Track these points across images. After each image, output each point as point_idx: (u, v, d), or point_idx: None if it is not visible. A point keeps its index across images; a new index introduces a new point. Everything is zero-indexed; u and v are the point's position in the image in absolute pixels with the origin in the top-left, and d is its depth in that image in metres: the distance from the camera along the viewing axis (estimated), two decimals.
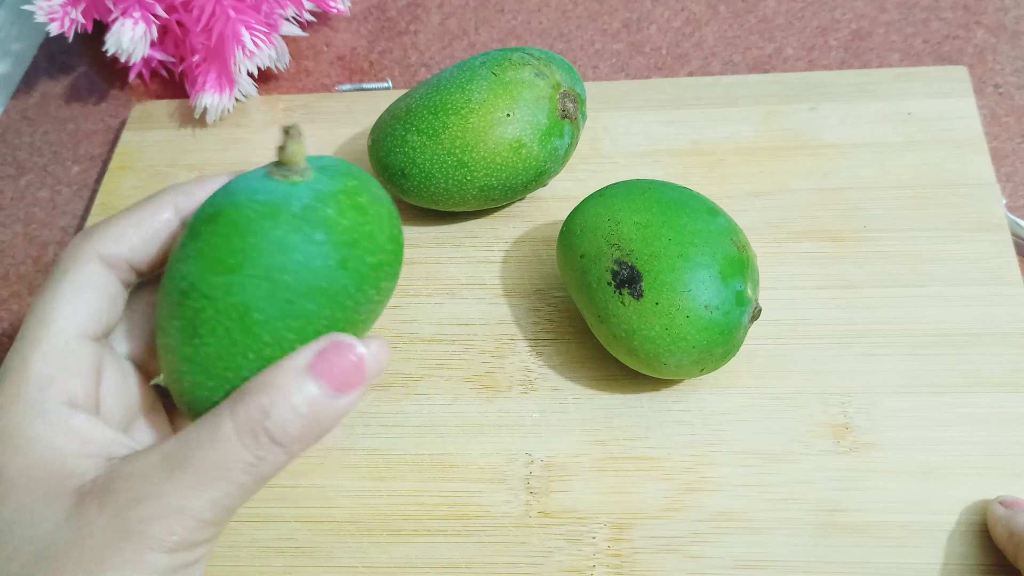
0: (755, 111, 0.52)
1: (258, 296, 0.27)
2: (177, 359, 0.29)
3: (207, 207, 0.29)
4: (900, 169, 0.49)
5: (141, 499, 0.28)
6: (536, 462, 0.42)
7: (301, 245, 0.27)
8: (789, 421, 0.42)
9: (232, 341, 0.28)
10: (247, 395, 0.28)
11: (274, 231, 0.27)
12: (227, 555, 0.40)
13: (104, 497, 0.28)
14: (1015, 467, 0.40)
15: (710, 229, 0.40)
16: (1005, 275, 0.44)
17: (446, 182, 0.46)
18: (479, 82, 0.45)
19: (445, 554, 0.40)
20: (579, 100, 0.46)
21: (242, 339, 0.28)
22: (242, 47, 0.53)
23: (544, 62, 0.46)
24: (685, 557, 0.39)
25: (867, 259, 0.46)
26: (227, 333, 0.28)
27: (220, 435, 0.28)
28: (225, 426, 0.28)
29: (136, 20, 0.53)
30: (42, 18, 0.54)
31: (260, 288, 0.27)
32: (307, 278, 0.27)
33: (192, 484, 0.28)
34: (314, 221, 0.27)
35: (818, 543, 0.39)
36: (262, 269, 0.27)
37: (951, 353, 0.43)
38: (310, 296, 0.28)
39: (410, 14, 0.63)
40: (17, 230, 0.56)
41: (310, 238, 0.27)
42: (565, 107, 0.45)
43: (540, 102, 0.45)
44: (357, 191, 0.28)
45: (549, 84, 0.45)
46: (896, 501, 0.39)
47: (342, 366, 0.29)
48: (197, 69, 0.55)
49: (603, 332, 0.41)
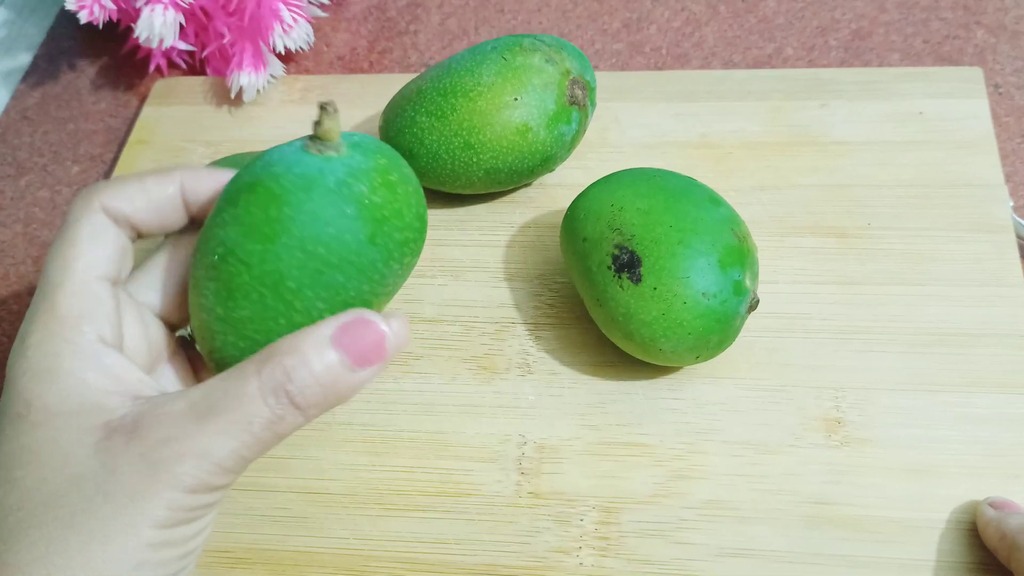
0: (764, 106, 0.52)
1: (292, 265, 0.29)
2: (211, 319, 0.31)
3: (245, 176, 0.30)
4: (907, 168, 0.49)
5: (167, 440, 0.29)
6: (529, 444, 0.42)
7: (334, 219, 0.28)
8: (782, 413, 0.42)
9: (265, 306, 0.29)
10: (273, 356, 0.30)
11: (309, 203, 0.28)
12: (222, 522, 0.41)
13: (132, 434, 0.30)
14: (1010, 468, 0.40)
15: (711, 218, 0.40)
16: (1007, 276, 0.44)
17: (452, 164, 0.46)
18: (489, 66, 0.46)
19: (435, 530, 0.41)
20: (588, 88, 0.47)
21: (274, 305, 0.29)
22: (281, 22, 0.54)
23: (555, 49, 0.46)
24: (671, 543, 0.39)
25: (870, 256, 0.46)
26: (261, 299, 0.29)
27: (246, 390, 0.30)
28: (251, 383, 0.30)
29: (165, 6, 0.54)
30: (72, 6, 0.54)
31: (294, 258, 0.29)
32: (339, 251, 0.29)
33: (216, 432, 0.30)
34: (347, 196, 0.28)
35: (805, 535, 0.39)
36: (296, 240, 0.28)
37: (949, 352, 0.43)
38: (340, 268, 0.29)
39: (410, 14, 0.63)
40: (17, 230, 0.56)
41: (343, 212, 0.28)
42: (573, 94, 0.46)
43: (548, 88, 0.45)
44: (388, 169, 0.30)
45: (559, 70, 0.46)
46: (886, 497, 0.40)
47: (364, 341, 0.31)
48: (232, 49, 0.56)
49: (601, 316, 0.41)
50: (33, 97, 0.63)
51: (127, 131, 0.59)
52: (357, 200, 0.29)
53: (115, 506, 0.29)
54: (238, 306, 0.30)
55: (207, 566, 0.40)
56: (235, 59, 0.56)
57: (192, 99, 0.58)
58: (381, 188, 0.29)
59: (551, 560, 0.39)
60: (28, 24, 0.67)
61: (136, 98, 0.61)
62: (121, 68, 0.63)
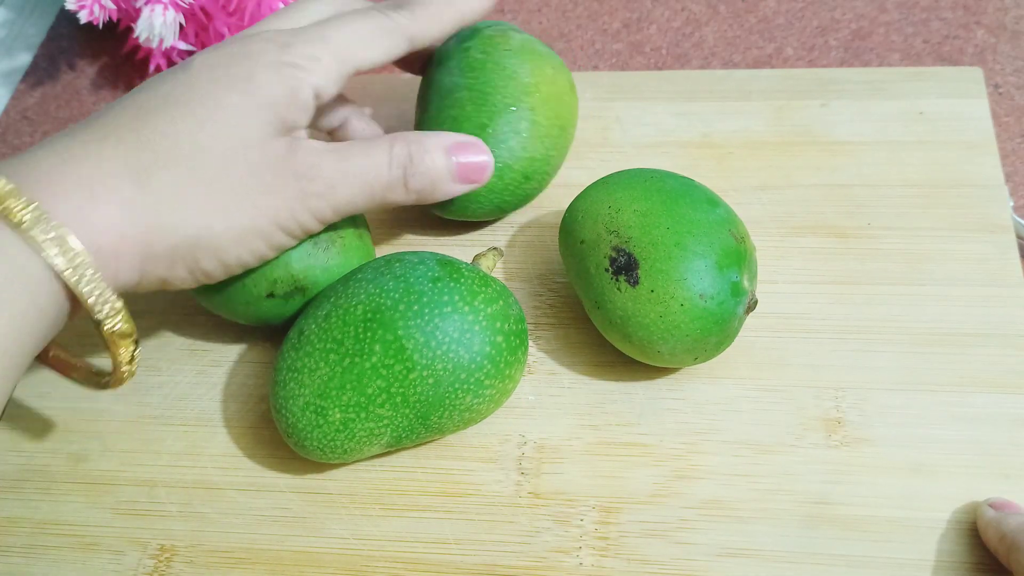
0: (766, 106, 0.52)
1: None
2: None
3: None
4: (908, 168, 0.49)
5: (312, 166, 0.38)
6: (529, 444, 0.42)
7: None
8: (781, 413, 0.42)
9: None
10: (407, 141, 0.40)
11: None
12: (222, 522, 0.41)
13: (291, 148, 0.38)
14: (1007, 468, 0.40)
15: (709, 219, 0.40)
16: (1007, 277, 0.44)
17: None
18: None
19: (435, 530, 0.41)
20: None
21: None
22: None
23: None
24: (671, 543, 0.39)
25: (870, 256, 0.46)
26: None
27: (378, 155, 0.39)
28: (383, 149, 0.39)
29: (165, 6, 0.54)
30: (71, 6, 0.54)
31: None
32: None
33: (345, 177, 0.38)
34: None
35: (804, 535, 0.39)
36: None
37: (949, 352, 0.43)
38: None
39: None
40: None
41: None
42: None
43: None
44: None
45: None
46: (885, 496, 0.40)
47: (473, 161, 0.41)
48: None
49: (600, 318, 0.41)
50: (33, 97, 0.63)
51: None
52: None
53: (254, 193, 0.37)
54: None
55: (207, 566, 0.40)
56: None
57: None
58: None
59: (551, 560, 0.39)
60: (28, 24, 0.67)
61: None
62: (121, 68, 0.63)
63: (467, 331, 0.37)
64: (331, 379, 0.38)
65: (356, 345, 0.37)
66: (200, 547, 0.41)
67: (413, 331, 0.37)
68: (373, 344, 0.37)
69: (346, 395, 0.37)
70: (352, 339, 0.38)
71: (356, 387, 0.37)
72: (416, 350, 0.37)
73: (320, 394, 0.38)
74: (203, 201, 0.36)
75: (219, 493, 0.42)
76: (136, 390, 0.46)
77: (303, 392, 0.38)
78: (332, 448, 0.39)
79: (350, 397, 0.37)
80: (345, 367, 0.37)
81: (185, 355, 0.47)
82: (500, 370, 0.38)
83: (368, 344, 0.37)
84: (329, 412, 0.38)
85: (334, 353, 0.38)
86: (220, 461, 0.43)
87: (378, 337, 0.37)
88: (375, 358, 0.37)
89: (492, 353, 0.38)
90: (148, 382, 0.46)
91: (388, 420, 0.38)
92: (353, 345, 0.37)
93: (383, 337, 0.37)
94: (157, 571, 0.40)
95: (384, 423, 0.38)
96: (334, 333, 0.38)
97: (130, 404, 0.45)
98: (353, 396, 0.37)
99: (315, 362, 0.38)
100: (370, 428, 0.38)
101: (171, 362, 0.46)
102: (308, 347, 0.38)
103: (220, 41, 0.56)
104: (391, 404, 0.38)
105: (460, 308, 0.38)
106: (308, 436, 0.38)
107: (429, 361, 0.37)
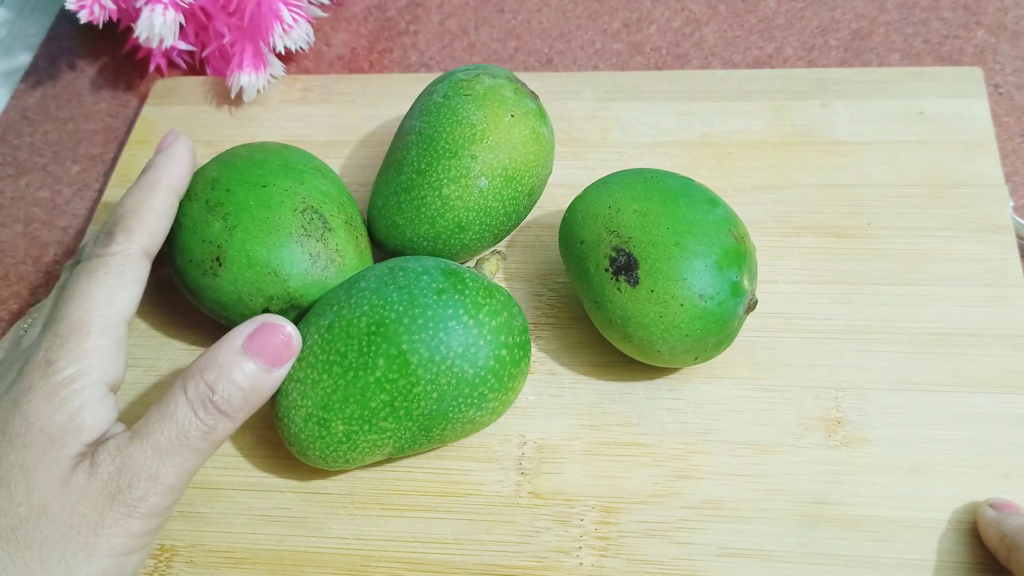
0: (766, 106, 0.52)
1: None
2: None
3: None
4: (908, 168, 0.49)
5: (120, 471, 0.33)
6: (529, 443, 0.42)
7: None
8: (781, 413, 0.42)
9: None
10: (196, 373, 0.35)
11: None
12: (222, 522, 0.41)
13: (92, 469, 0.33)
14: (1007, 468, 0.40)
15: (708, 219, 0.40)
16: (1007, 277, 0.44)
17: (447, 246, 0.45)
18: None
19: (435, 530, 0.41)
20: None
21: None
22: (281, 22, 0.54)
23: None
24: (670, 543, 0.39)
25: (869, 256, 0.46)
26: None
27: (178, 410, 0.34)
28: (180, 401, 0.34)
29: (165, 6, 0.54)
30: (71, 6, 0.54)
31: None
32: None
33: (160, 453, 0.33)
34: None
35: (804, 534, 0.39)
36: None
37: (949, 352, 0.43)
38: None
39: (410, 14, 0.63)
40: (17, 230, 0.56)
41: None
42: None
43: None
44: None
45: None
46: (885, 496, 0.40)
47: (273, 343, 0.36)
48: (232, 49, 0.56)
49: (600, 318, 0.41)
50: (33, 97, 0.63)
51: (127, 131, 0.59)
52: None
53: (79, 538, 0.32)
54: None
55: (207, 566, 0.40)
56: (235, 59, 0.56)
57: (192, 99, 0.58)
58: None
59: (551, 560, 0.39)
60: (28, 24, 0.67)
61: (136, 98, 0.61)
62: (121, 68, 0.63)
63: (472, 345, 0.37)
64: (334, 392, 0.37)
65: (360, 359, 0.37)
66: (200, 547, 0.41)
67: (417, 345, 0.37)
68: (377, 358, 0.37)
69: (349, 408, 0.37)
70: (355, 352, 0.37)
71: (359, 400, 0.37)
72: (420, 364, 0.37)
73: (323, 406, 0.38)
74: (37, 570, 0.32)
75: (219, 493, 0.42)
76: (136, 390, 0.46)
77: (306, 403, 0.38)
78: (334, 458, 0.39)
79: (353, 410, 0.37)
80: (349, 380, 0.37)
81: (185, 355, 0.47)
82: (503, 383, 0.38)
83: (372, 358, 0.37)
84: (332, 424, 0.38)
85: (337, 366, 0.37)
86: (220, 461, 0.43)
87: (382, 351, 0.37)
88: (379, 372, 0.37)
89: (496, 367, 0.38)
90: (148, 382, 0.46)
91: (391, 432, 0.38)
92: (357, 359, 0.37)
93: (387, 351, 0.37)
94: (157, 571, 0.40)
95: (387, 435, 0.38)
96: (337, 345, 0.38)
97: (130, 405, 0.45)
98: (356, 409, 0.37)
99: (318, 374, 0.38)
100: (373, 440, 0.38)
101: (171, 362, 0.46)
102: (311, 358, 0.38)
103: (219, 40, 0.56)
104: (394, 417, 0.37)
105: (465, 322, 0.37)
106: (311, 446, 0.38)
107: (433, 376, 0.37)
